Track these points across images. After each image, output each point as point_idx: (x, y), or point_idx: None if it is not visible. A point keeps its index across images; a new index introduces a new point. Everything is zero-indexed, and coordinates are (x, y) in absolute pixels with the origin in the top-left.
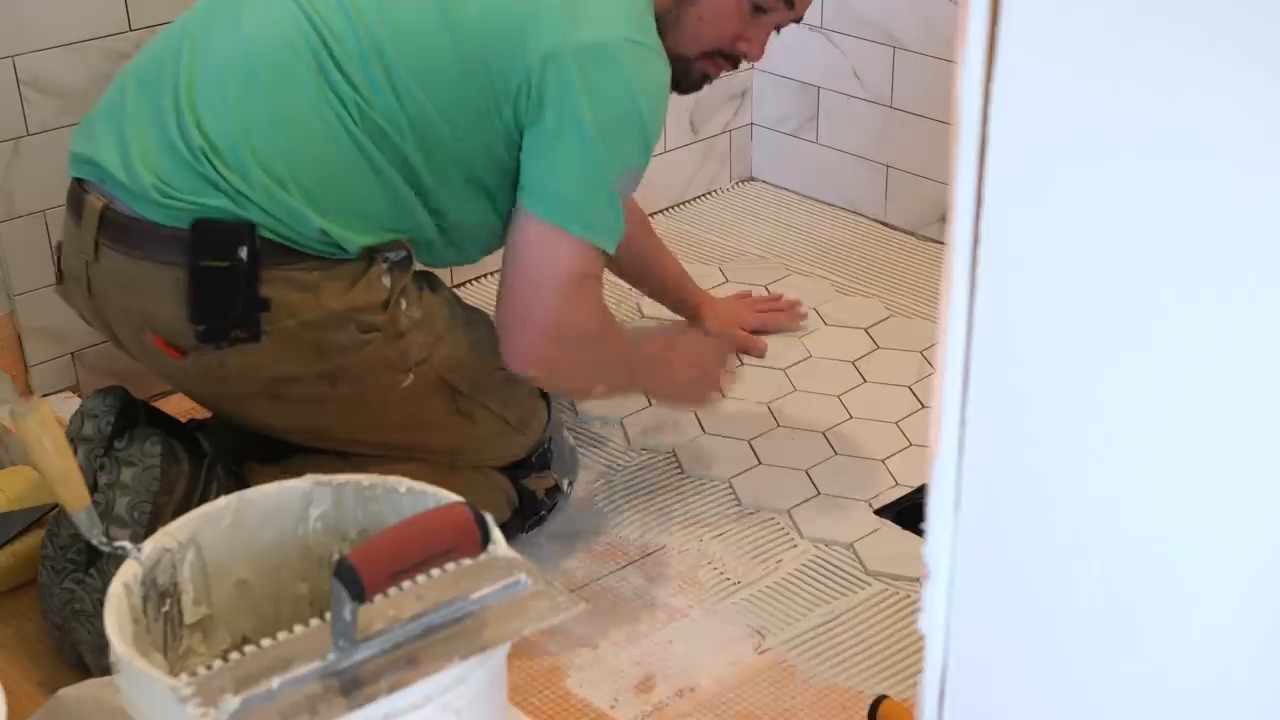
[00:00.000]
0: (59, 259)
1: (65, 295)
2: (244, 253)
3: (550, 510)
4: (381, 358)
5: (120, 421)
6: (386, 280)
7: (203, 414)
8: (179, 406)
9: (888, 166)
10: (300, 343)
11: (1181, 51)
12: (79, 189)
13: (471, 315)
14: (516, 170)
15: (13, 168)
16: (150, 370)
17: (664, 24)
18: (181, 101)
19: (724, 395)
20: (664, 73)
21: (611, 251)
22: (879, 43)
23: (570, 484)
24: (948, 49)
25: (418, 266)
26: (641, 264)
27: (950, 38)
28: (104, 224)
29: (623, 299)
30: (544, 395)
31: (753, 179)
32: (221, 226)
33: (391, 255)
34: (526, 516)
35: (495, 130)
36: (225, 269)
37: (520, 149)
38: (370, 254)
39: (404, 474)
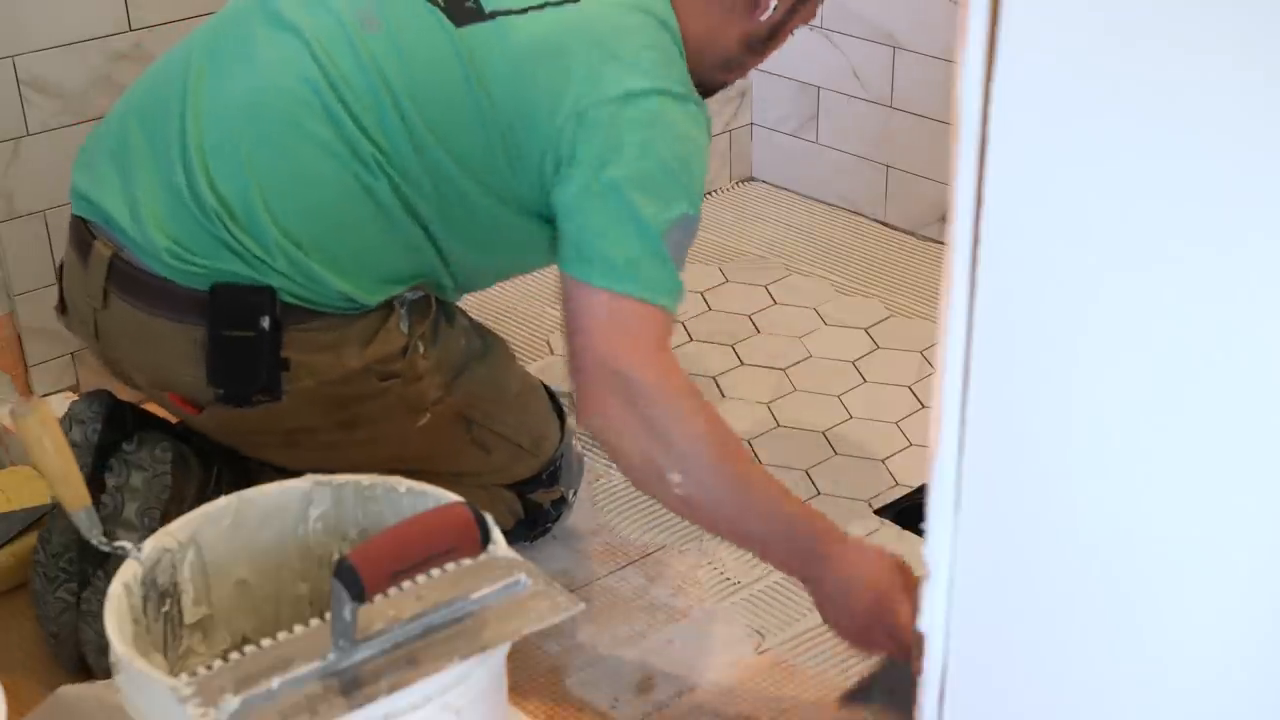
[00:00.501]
0: (61, 287)
1: (68, 325)
2: (266, 322)
3: (555, 520)
4: (399, 401)
5: (108, 427)
6: (404, 326)
7: None
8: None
9: (888, 166)
10: (319, 398)
11: (1181, 51)
12: (84, 229)
13: (488, 343)
14: (532, 219)
15: (13, 168)
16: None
17: (725, 68)
18: (190, 152)
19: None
20: (699, 120)
21: (670, 308)
22: (879, 43)
23: (574, 492)
24: (948, 49)
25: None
26: None
27: (950, 38)
28: (113, 273)
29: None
30: (558, 412)
31: (753, 179)
32: (242, 292)
33: (409, 296)
34: (532, 527)
35: (517, 186)
36: (248, 339)
37: (540, 206)
38: (387, 303)
39: None
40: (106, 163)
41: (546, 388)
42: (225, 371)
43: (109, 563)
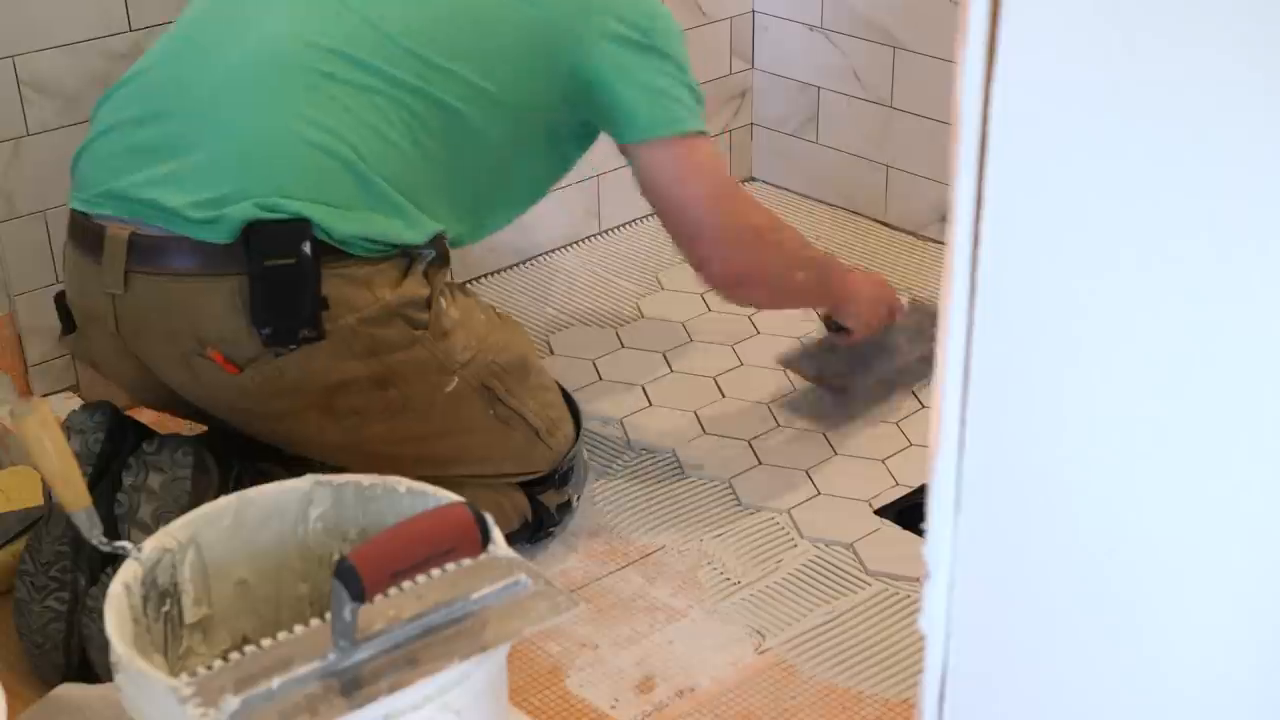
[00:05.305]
0: (64, 310)
1: (76, 346)
2: (307, 247)
3: (557, 524)
4: (429, 357)
5: (109, 440)
6: (424, 280)
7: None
8: (152, 415)
9: (888, 166)
10: (357, 342)
11: (1182, 51)
12: (89, 223)
13: (504, 317)
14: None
15: (13, 168)
16: (186, 400)
17: None
18: (209, 137)
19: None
20: None
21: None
22: (879, 43)
23: (579, 498)
24: (948, 49)
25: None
26: None
27: (950, 38)
28: (134, 251)
29: (623, 299)
30: (572, 409)
31: (753, 179)
32: (279, 225)
33: (426, 254)
34: (535, 530)
35: (551, 91)
36: (291, 266)
37: (569, 105)
38: (406, 253)
39: None
40: (119, 157)
41: (560, 386)
42: (270, 305)
43: (116, 563)
